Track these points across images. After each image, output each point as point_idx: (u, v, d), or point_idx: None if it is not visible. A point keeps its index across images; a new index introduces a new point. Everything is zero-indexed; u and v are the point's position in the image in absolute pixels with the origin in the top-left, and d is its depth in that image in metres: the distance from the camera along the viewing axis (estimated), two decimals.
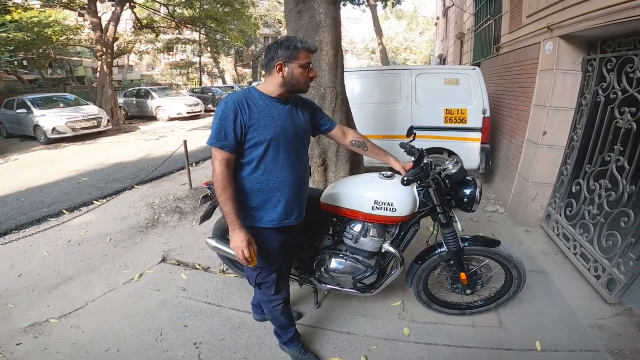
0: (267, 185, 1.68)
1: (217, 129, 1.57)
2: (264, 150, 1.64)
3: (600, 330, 2.27)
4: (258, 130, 1.61)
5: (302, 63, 1.62)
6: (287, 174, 1.70)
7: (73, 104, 11.29)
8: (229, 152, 1.59)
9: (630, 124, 2.60)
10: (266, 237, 1.76)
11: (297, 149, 1.76)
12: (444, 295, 2.50)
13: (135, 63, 33.80)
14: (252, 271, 1.88)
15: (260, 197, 1.70)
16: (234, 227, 1.62)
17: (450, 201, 2.07)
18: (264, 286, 1.92)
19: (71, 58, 21.86)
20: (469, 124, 4.48)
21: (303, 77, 1.66)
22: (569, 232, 3.16)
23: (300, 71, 1.63)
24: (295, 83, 1.66)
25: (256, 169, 1.67)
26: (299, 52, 1.61)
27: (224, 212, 1.64)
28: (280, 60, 1.61)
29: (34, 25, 13.64)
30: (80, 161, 7.38)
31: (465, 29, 9.68)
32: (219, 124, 1.58)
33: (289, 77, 1.63)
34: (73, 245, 3.65)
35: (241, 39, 18.95)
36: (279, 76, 1.63)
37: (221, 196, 1.60)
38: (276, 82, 1.66)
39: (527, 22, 4.01)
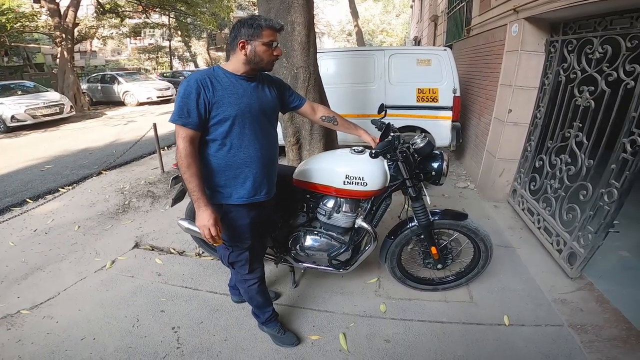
0: (234, 161, 1.68)
1: (180, 107, 1.56)
2: (229, 127, 1.63)
3: (563, 305, 2.37)
4: (222, 107, 1.60)
5: (265, 41, 1.61)
6: (253, 150, 1.70)
7: (32, 91, 10.76)
8: (193, 130, 1.58)
9: (588, 102, 2.73)
10: (236, 214, 1.76)
11: (264, 125, 1.75)
12: (417, 271, 2.58)
13: (99, 49, 32.16)
14: (225, 250, 1.88)
15: (227, 174, 1.69)
16: (200, 204, 1.61)
17: (419, 175, 2.12)
18: (237, 265, 1.92)
19: (28, 45, 20.67)
20: (440, 103, 4.60)
21: (267, 56, 1.64)
22: (533, 207, 3.31)
23: (264, 49, 1.62)
24: (259, 61, 1.64)
25: (222, 146, 1.66)
26: (262, 30, 1.59)
27: (189, 190, 1.62)
28: (243, 39, 1.60)
29: None
30: (43, 149, 7.06)
31: (439, 11, 9.75)
32: (181, 102, 1.56)
33: (252, 55, 1.62)
34: (39, 234, 3.51)
35: (213, 22, 18.29)
36: (241, 54, 1.62)
37: (185, 173, 1.59)
38: (240, 60, 1.65)
39: (495, 4, 4.09)
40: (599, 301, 2.38)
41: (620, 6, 2.34)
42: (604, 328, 2.17)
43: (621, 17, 2.43)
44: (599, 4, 2.35)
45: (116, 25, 20.74)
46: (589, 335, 2.12)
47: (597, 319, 2.23)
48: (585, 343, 2.07)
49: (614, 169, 2.36)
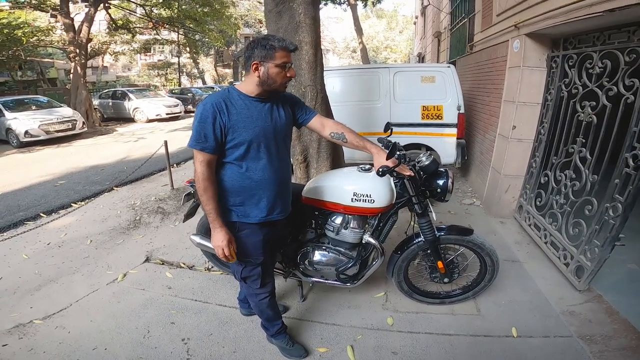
0: (249, 184, 1.71)
1: (197, 132, 1.59)
2: (244, 150, 1.66)
3: (572, 316, 2.38)
4: (238, 132, 1.63)
5: (278, 63, 1.61)
6: (268, 173, 1.73)
7: (46, 106, 10.97)
8: (210, 154, 1.62)
9: (590, 117, 2.77)
10: (250, 232, 1.80)
11: (278, 147, 1.78)
12: (424, 285, 2.59)
13: (110, 64, 32.91)
14: (238, 266, 1.92)
15: (242, 194, 1.73)
16: (215, 225, 1.67)
17: (425, 192, 2.16)
18: (249, 280, 1.96)
19: (42, 60, 21.11)
20: (444, 120, 4.61)
21: (280, 77, 1.65)
22: (539, 222, 3.32)
23: (277, 71, 1.62)
24: (272, 83, 1.65)
25: (238, 169, 1.69)
26: (275, 51, 1.60)
27: (205, 211, 1.68)
28: (257, 60, 1.60)
29: (3, 27, 13.12)
30: (55, 164, 7.20)
31: (442, 27, 9.85)
32: (198, 126, 1.59)
33: (265, 77, 1.62)
34: (53, 247, 3.60)
35: (221, 40, 18.71)
36: (255, 75, 1.63)
37: (202, 196, 1.64)
38: (253, 82, 1.66)
39: (497, 20, 4.16)
40: (608, 312, 2.38)
41: (617, 21, 2.39)
42: (614, 338, 2.17)
43: (619, 32, 2.49)
44: (597, 19, 2.40)
45: (127, 41, 21.23)
46: (599, 345, 2.12)
47: (606, 330, 2.24)
48: (595, 353, 2.07)
49: (618, 183, 2.40)
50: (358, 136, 2.01)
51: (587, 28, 2.73)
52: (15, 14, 13.94)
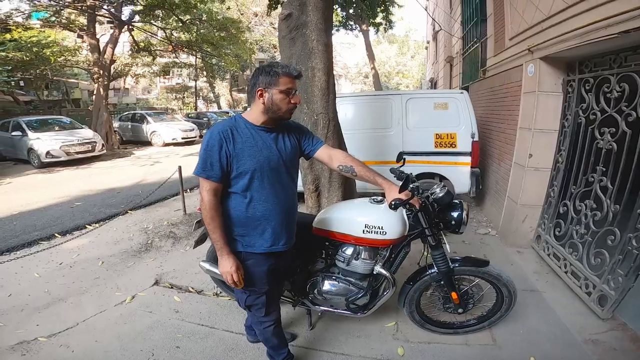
0: (254, 214, 1.70)
1: (203, 159, 1.60)
2: (248, 180, 1.65)
3: (595, 345, 2.29)
4: (242, 161, 1.62)
5: (282, 89, 1.60)
6: (272, 204, 1.71)
7: (68, 127, 11.28)
8: (216, 182, 1.61)
9: (610, 144, 2.68)
10: (255, 261, 1.78)
11: (283, 178, 1.76)
12: (437, 315, 2.51)
13: (131, 86, 34.00)
14: (242, 294, 1.90)
15: (247, 224, 1.72)
16: (222, 253, 1.67)
17: (439, 224, 2.11)
18: (254, 308, 1.93)
19: (68, 80, 21.85)
20: (458, 148, 4.54)
21: (284, 104, 1.64)
22: (559, 252, 3.21)
23: (281, 97, 1.61)
24: (277, 110, 1.64)
25: (243, 199, 1.68)
26: (279, 77, 1.59)
27: (212, 239, 1.68)
28: (261, 87, 1.61)
29: (33, 45, 13.65)
30: (73, 186, 7.36)
31: (454, 52, 9.85)
32: (204, 154, 1.60)
33: (270, 103, 1.62)
34: (64, 267, 3.64)
35: (237, 64, 19.27)
36: (260, 103, 1.63)
37: (210, 224, 1.64)
38: (259, 109, 1.65)
39: (510, 44, 4.15)
40: (633, 340, 2.29)
41: (633, 42, 2.34)
42: None
43: (635, 53, 2.43)
44: (612, 40, 2.35)
45: (148, 63, 21.98)
46: None
47: (632, 358, 2.16)
48: None
49: None
50: (368, 169, 1.92)
51: (603, 50, 2.69)
52: (45, 32, 14.53)
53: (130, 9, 13.47)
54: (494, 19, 5.13)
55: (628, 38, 2.25)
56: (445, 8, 11.45)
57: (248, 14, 27.43)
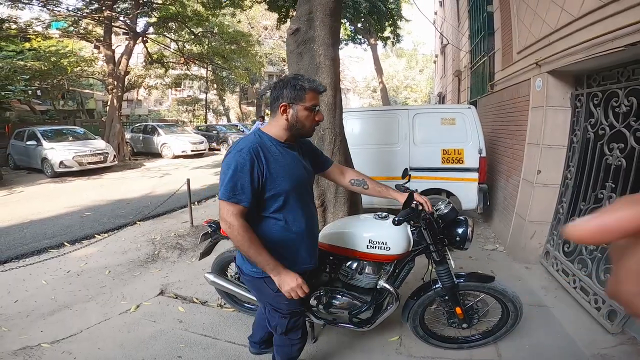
0: (289, 236, 1.61)
1: (233, 182, 1.43)
2: (283, 202, 1.55)
3: (604, 359, 2.25)
4: (277, 182, 1.50)
5: (307, 105, 1.51)
6: (304, 224, 1.64)
7: (82, 137, 11.42)
8: (246, 207, 1.46)
9: (619, 160, 2.64)
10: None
11: (309, 195, 1.74)
12: (442, 330, 2.48)
13: (144, 98, 34.68)
14: (282, 319, 1.79)
15: (284, 247, 1.62)
16: (279, 271, 1.52)
17: (444, 240, 2.10)
18: (292, 332, 1.85)
19: (83, 90, 22.23)
20: (466, 164, 4.50)
21: (309, 121, 1.54)
22: (568, 268, 3.15)
23: (306, 114, 1.52)
24: (301, 127, 1.54)
25: (276, 222, 1.57)
26: (305, 93, 1.50)
27: (259, 264, 1.51)
28: (285, 102, 1.50)
29: (51, 54, 13.89)
30: (84, 196, 7.46)
31: (462, 66, 9.82)
32: (234, 176, 1.42)
33: (294, 121, 1.52)
34: (72, 275, 3.68)
35: (246, 77, 19.54)
36: (283, 119, 1.52)
37: (250, 249, 1.47)
38: (281, 125, 1.55)
39: (518, 58, 4.13)
40: None
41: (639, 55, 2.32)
42: None
43: None
44: (619, 53, 2.32)
45: (161, 75, 22.36)
46: None
47: None
48: None
49: None
50: (379, 184, 1.96)
51: (610, 64, 2.67)
52: (63, 42, 14.88)
53: (145, 20, 13.84)
54: (501, 32, 5.13)
55: (635, 50, 2.23)
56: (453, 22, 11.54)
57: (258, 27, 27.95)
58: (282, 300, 1.69)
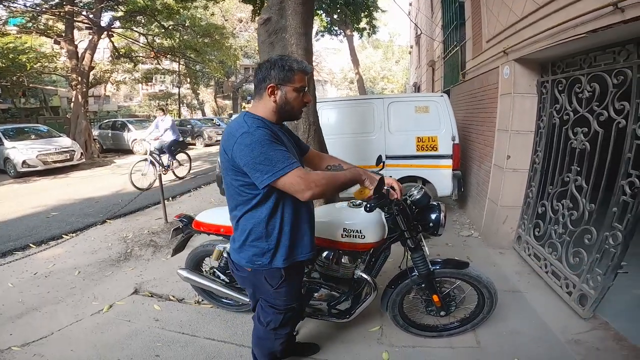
0: (300, 220, 1.60)
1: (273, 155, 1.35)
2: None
3: (578, 345, 2.30)
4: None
5: (296, 86, 1.47)
6: (307, 206, 1.63)
7: (45, 135, 10.98)
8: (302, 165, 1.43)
9: (583, 144, 2.74)
10: (297, 272, 1.72)
11: None
12: (421, 318, 2.51)
13: (112, 94, 33.36)
14: (277, 315, 1.75)
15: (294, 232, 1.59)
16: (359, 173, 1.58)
17: (417, 226, 2.10)
18: (283, 327, 1.80)
19: (46, 87, 21.23)
20: (440, 151, 4.58)
21: (298, 103, 1.51)
22: (539, 252, 3.25)
23: (295, 95, 1.48)
24: (289, 109, 1.51)
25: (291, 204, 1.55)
26: (294, 73, 1.46)
27: (347, 182, 1.51)
28: (273, 82, 1.45)
29: (9, 51, 13.31)
30: (51, 195, 7.15)
31: (436, 56, 10.01)
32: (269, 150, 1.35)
33: (283, 102, 1.48)
34: (39, 277, 3.54)
35: (221, 70, 19.12)
36: (270, 101, 1.48)
37: (336, 181, 1.45)
38: (269, 108, 1.50)
39: (487, 47, 4.21)
40: (616, 339, 2.30)
41: (601, 42, 2.39)
42: None
43: (604, 53, 2.48)
44: (581, 40, 2.39)
45: (129, 70, 21.51)
46: None
47: (615, 357, 2.17)
48: None
49: (616, 212, 2.35)
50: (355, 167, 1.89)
51: (573, 51, 2.75)
52: (22, 39, 14.15)
53: (110, 15, 13.25)
54: (472, 22, 5.22)
55: (596, 38, 2.30)
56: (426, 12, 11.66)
57: (232, 20, 27.34)
58: (281, 296, 1.67)
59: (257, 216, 1.52)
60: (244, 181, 1.45)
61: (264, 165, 1.34)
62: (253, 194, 1.47)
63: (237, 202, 1.55)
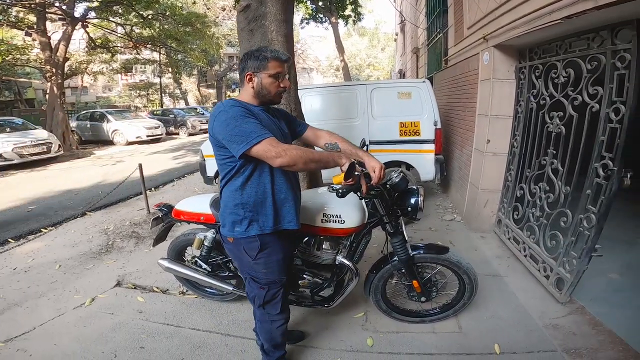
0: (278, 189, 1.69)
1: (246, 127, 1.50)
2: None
3: (556, 330, 2.34)
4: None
5: (271, 73, 1.62)
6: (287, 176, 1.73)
7: (21, 128, 10.67)
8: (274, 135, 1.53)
9: (559, 127, 2.79)
10: (279, 244, 1.76)
11: None
12: (404, 303, 2.54)
13: (90, 84, 32.28)
14: (259, 290, 1.83)
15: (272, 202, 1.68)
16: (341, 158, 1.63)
17: (397, 211, 2.10)
18: (270, 305, 1.87)
19: (19, 79, 20.49)
20: (422, 136, 4.62)
21: (273, 87, 1.66)
22: (518, 235, 3.31)
23: (270, 81, 1.64)
24: (266, 93, 1.66)
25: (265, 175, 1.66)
26: (268, 61, 1.61)
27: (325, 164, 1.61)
28: (250, 71, 1.63)
29: None
30: (28, 189, 6.96)
31: (420, 43, 9.99)
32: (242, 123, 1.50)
33: (259, 87, 1.64)
34: (19, 272, 3.48)
35: (203, 59, 18.67)
36: (249, 87, 1.66)
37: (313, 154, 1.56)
38: (249, 93, 1.68)
39: (468, 33, 4.24)
40: (592, 324, 2.36)
41: (576, 28, 2.43)
42: (600, 351, 2.13)
43: (579, 39, 2.53)
44: (557, 27, 2.43)
45: (106, 60, 20.83)
46: (585, 359, 2.08)
47: (591, 342, 2.20)
48: None
49: (590, 194, 2.40)
50: (351, 144, 1.96)
51: (549, 37, 2.79)
52: None
53: (85, 5, 12.76)
54: (454, 9, 5.24)
55: (571, 24, 2.32)
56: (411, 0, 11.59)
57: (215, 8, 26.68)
58: (260, 269, 1.76)
59: (235, 184, 1.66)
60: (225, 154, 1.61)
61: (239, 137, 1.49)
62: (233, 165, 1.62)
63: (223, 175, 1.70)
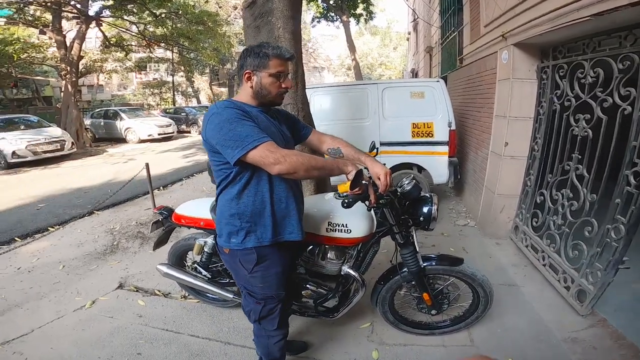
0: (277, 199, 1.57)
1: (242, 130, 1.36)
2: None
3: (574, 343, 2.21)
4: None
5: (272, 72, 1.49)
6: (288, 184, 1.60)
7: (35, 126, 10.84)
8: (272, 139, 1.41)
9: (585, 131, 2.61)
10: (278, 256, 1.65)
11: None
12: (413, 315, 2.41)
13: (106, 83, 32.84)
14: (255, 305, 1.73)
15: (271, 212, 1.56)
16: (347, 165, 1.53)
17: (407, 220, 1.96)
18: (266, 320, 1.76)
19: (36, 77, 20.98)
20: (435, 137, 4.47)
21: (274, 88, 1.52)
22: (536, 243, 3.14)
23: (271, 81, 1.50)
24: (266, 94, 1.53)
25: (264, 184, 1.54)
26: (269, 59, 1.48)
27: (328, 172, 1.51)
28: (249, 69, 1.50)
29: None
30: (40, 187, 7.02)
31: (433, 42, 9.90)
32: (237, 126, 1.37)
33: (258, 87, 1.51)
34: (22, 272, 3.46)
35: (215, 58, 18.81)
36: (248, 86, 1.53)
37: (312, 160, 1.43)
38: (247, 93, 1.55)
39: (485, 31, 4.08)
40: (614, 337, 2.21)
41: (606, 26, 2.25)
42: None
43: (609, 37, 2.34)
44: (584, 24, 2.25)
45: (121, 59, 21.09)
46: None
47: (613, 357, 2.07)
48: None
49: (619, 203, 2.23)
50: (354, 149, 1.85)
51: (576, 35, 2.61)
52: (9, 30, 13.89)
53: (100, 3, 12.92)
54: (470, 6, 5.09)
55: (601, 21, 2.15)
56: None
57: (227, 7, 26.83)
58: (256, 283, 1.66)
59: (231, 192, 1.54)
60: (219, 160, 1.49)
61: (233, 141, 1.37)
62: (228, 172, 1.50)
63: (218, 182, 1.58)
